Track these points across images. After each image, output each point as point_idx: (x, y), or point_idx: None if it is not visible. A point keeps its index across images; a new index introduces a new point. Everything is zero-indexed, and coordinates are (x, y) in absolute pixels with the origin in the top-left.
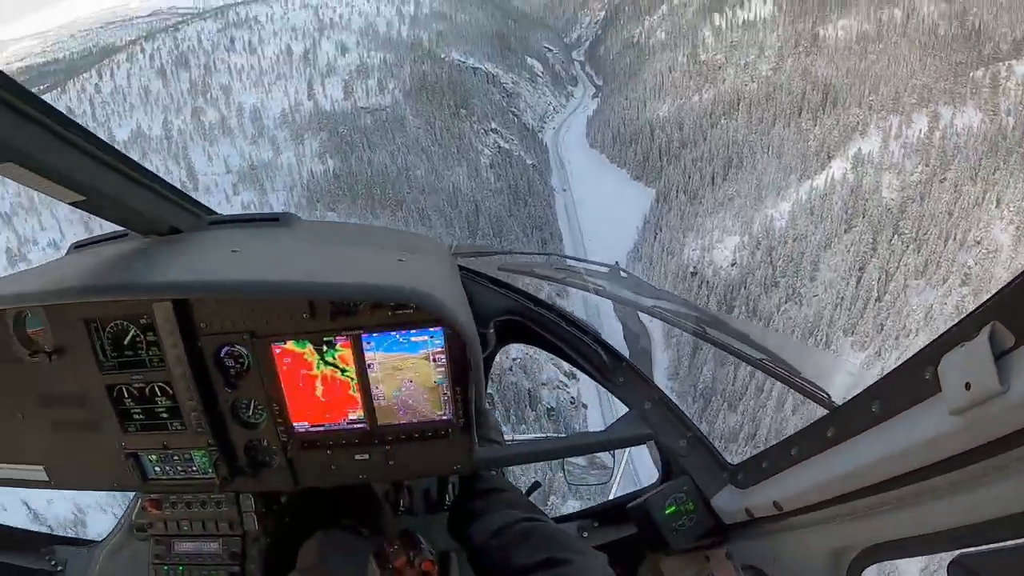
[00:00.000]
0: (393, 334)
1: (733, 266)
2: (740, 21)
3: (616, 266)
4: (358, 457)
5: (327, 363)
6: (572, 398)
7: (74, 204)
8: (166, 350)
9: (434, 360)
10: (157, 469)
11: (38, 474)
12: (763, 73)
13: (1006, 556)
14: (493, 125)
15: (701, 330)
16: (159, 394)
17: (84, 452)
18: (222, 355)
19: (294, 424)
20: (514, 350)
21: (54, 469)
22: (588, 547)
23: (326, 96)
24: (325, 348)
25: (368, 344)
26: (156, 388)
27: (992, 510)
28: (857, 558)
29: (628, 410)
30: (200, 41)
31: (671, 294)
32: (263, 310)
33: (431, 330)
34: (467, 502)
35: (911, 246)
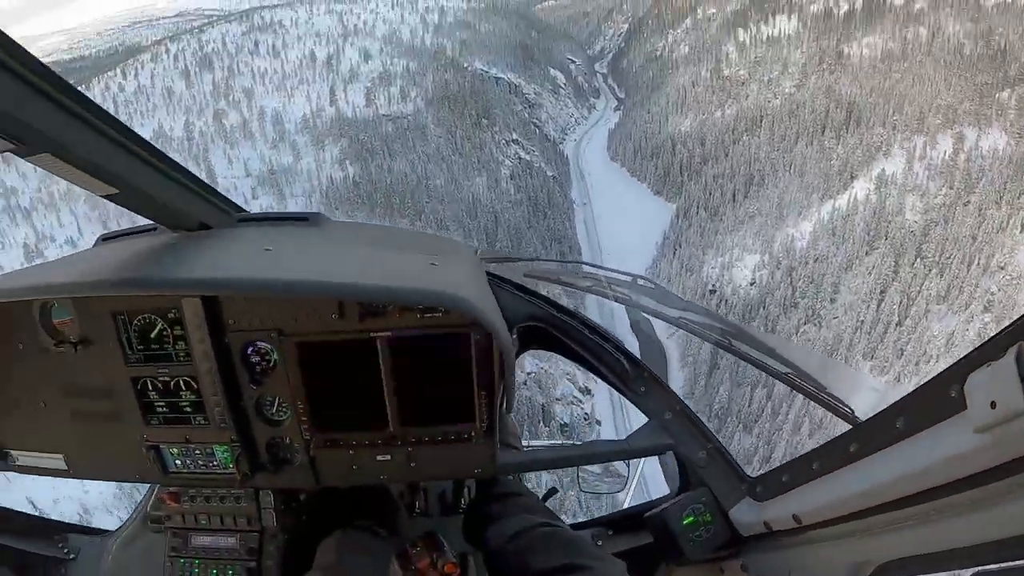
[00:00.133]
0: (421, 337)
1: (752, 285)
2: (764, 37)
3: (642, 276)
4: (380, 458)
5: (354, 363)
6: (586, 414)
7: (107, 197)
8: (193, 345)
9: (461, 366)
10: (178, 462)
11: (57, 463)
12: (786, 90)
13: None
14: (514, 136)
15: (726, 342)
16: (184, 388)
17: (105, 443)
18: (248, 352)
19: (318, 423)
20: (529, 364)
21: (74, 458)
22: (607, 554)
23: (348, 102)
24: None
25: (396, 346)
26: (181, 382)
27: (1013, 528)
28: (875, 573)
29: (648, 420)
30: (224, 43)
31: (697, 305)
32: (292, 309)
33: (459, 335)
34: (484, 505)
35: (933, 270)
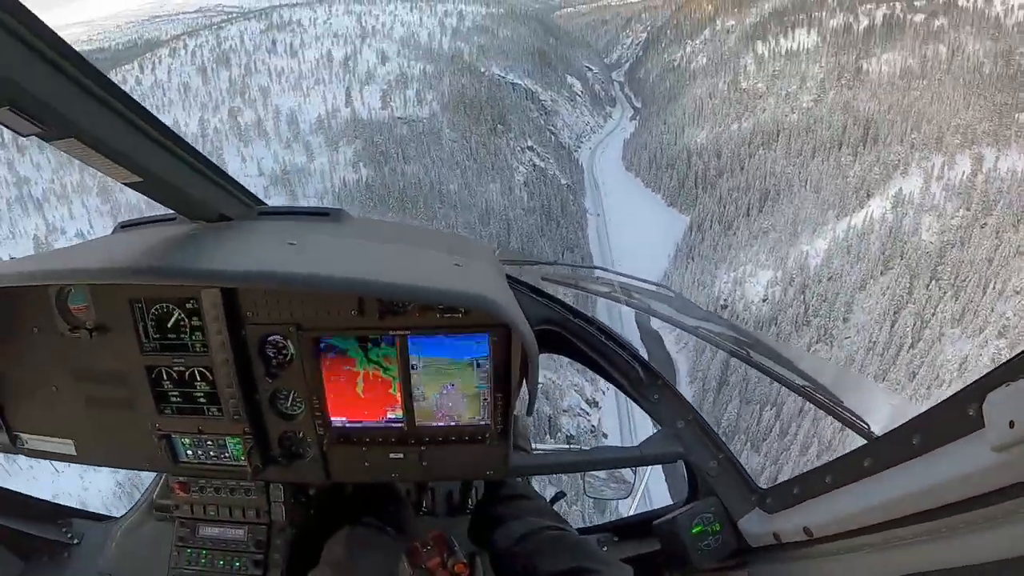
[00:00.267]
0: (440, 337)
1: (764, 302)
2: (783, 50)
3: (662, 284)
4: (392, 456)
5: (371, 361)
6: (592, 426)
7: (129, 184)
8: (210, 336)
9: (478, 366)
10: (189, 452)
11: (67, 448)
12: (804, 104)
13: None
14: (529, 143)
15: (744, 353)
16: (198, 379)
17: (116, 430)
18: (266, 345)
19: (332, 418)
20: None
21: (84, 444)
22: (615, 559)
23: (363, 104)
24: (370, 346)
25: (414, 345)
26: (196, 373)
27: None
28: None
29: (660, 428)
30: (242, 41)
31: (716, 316)
32: (311, 304)
33: (478, 335)
34: (491, 507)
35: (948, 293)
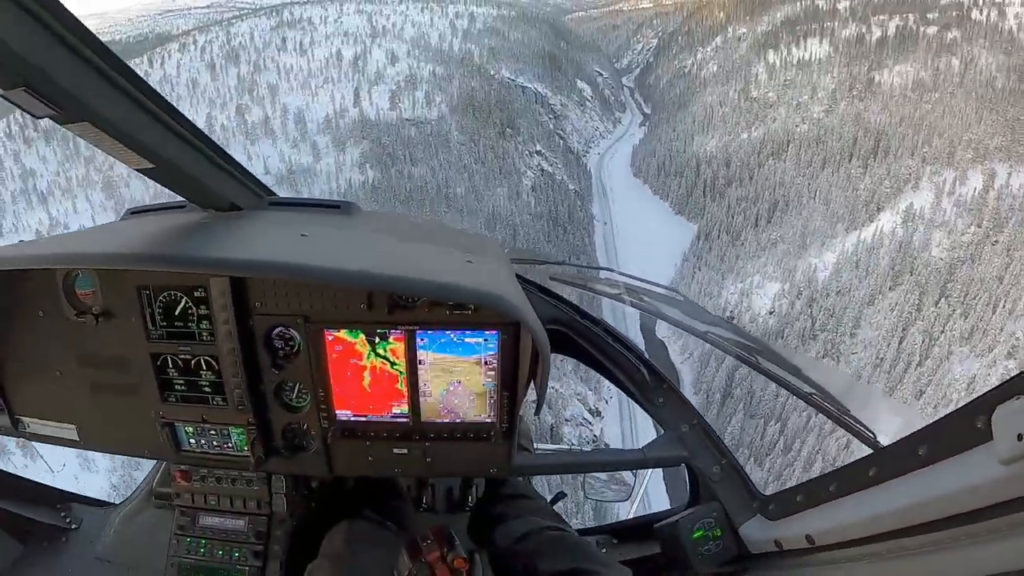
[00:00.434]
0: (448, 333)
1: (771, 314)
2: (795, 60)
3: (672, 288)
4: (396, 451)
5: (378, 355)
6: (595, 436)
7: (141, 171)
8: (217, 325)
9: (485, 364)
10: (192, 441)
11: (69, 432)
12: (815, 115)
13: None
14: (538, 147)
15: (753, 359)
16: (204, 368)
17: (119, 416)
18: (272, 336)
19: (337, 412)
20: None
21: (86, 429)
22: (613, 561)
23: (372, 104)
24: (378, 340)
25: (422, 341)
26: (202, 361)
27: None
28: None
29: (664, 431)
30: (252, 38)
31: (726, 321)
32: (320, 296)
33: (487, 333)
34: (492, 505)
35: (958, 310)
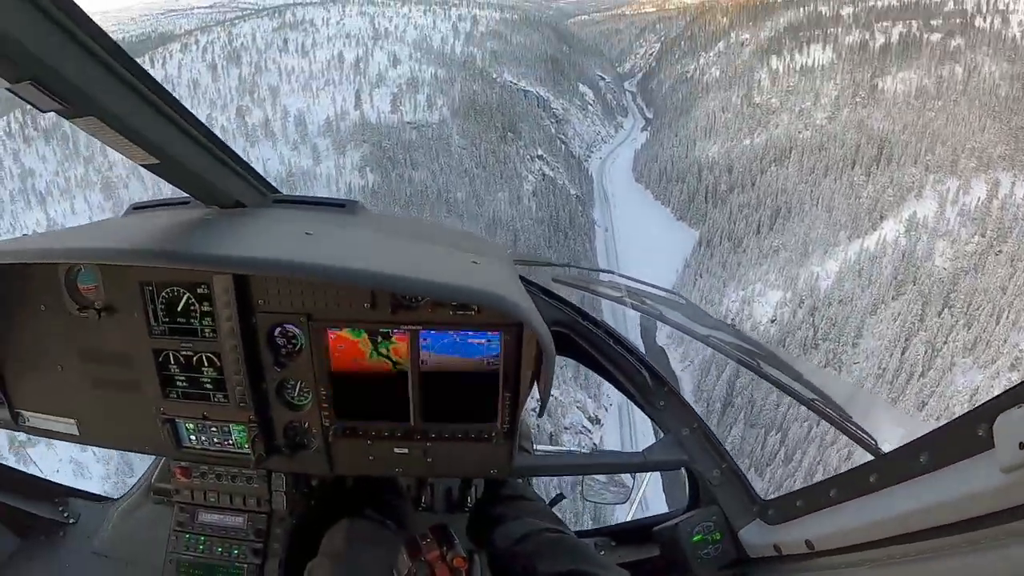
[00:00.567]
0: (451, 333)
1: (773, 323)
2: (798, 66)
3: (674, 291)
4: (397, 450)
5: (380, 354)
6: (594, 444)
7: (147, 166)
8: (220, 322)
9: (488, 365)
10: (192, 438)
11: (69, 427)
12: (818, 121)
13: None
14: (539, 152)
15: (755, 364)
16: (206, 364)
17: (120, 412)
18: (275, 334)
19: (338, 410)
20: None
21: (86, 424)
22: (612, 564)
23: (373, 107)
24: (380, 339)
25: (424, 341)
26: (204, 358)
27: None
28: None
29: (664, 435)
30: (254, 39)
31: (728, 325)
32: (323, 295)
33: (489, 334)
34: (491, 506)
35: (961, 321)
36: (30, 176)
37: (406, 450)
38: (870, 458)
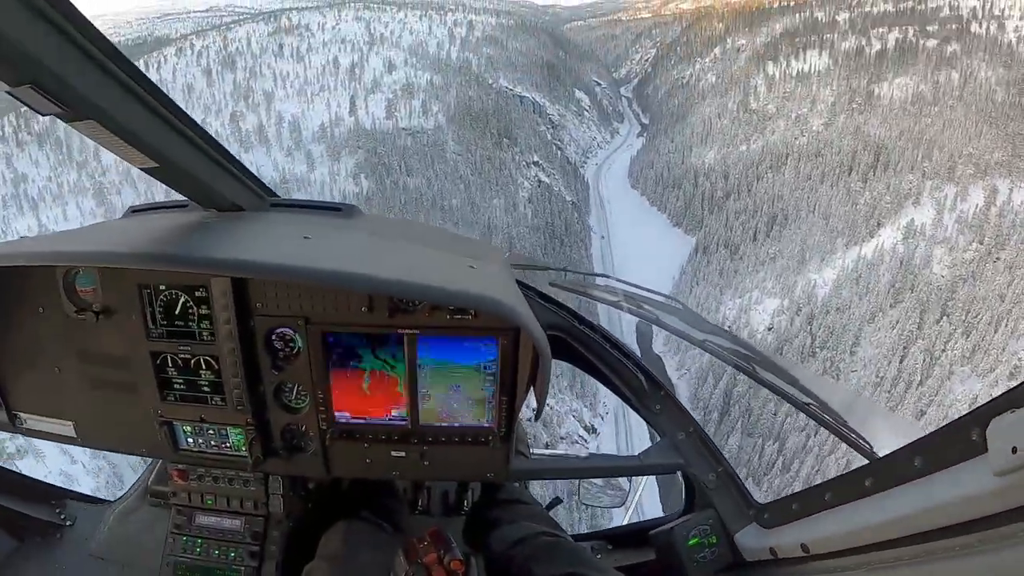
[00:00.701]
0: (448, 337)
1: (770, 331)
2: (794, 72)
3: (671, 296)
4: (394, 453)
5: (378, 358)
6: (590, 454)
7: (145, 169)
8: (218, 325)
9: (485, 369)
10: (190, 440)
11: (66, 429)
12: (814, 128)
13: None
14: (535, 158)
15: (751, 368)
16: (203, 367)
17: (117, 414)
18: (273, 337)
19: (336, 414)
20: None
21: (84, 427)
22: (609, 567)
23: (368, 113)
24: (378, 343)
25: (422, 345)
26: (202, 361)
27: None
28: None
29: (660, 438)
30: (249, 43)
31: (724, 330)
32: (321, 298)
33: (486, 338)
34: (487, 510)
35: (959, 329)
36: (23, 181)
37: (403, 453)
38: (865, 462)
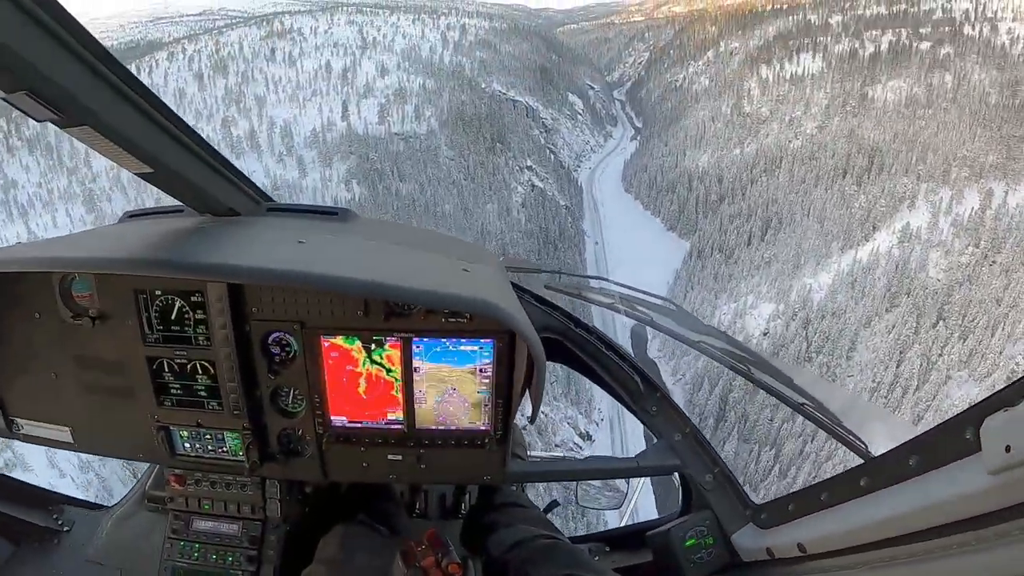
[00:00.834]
0: (443, 341)
1: (765, 335)
2: (788, 75)
3: (666, 298)
4: (391, 457)
5: (374, 362)
6: (587, 456)
7: (141, 175)
8: (214, 330)
9: (480, 372)
10: (187, 445)
11: (63, 435)
12: (808, 131)
13: None
14: (529, 162)
15: (746, 369)
16: (200, 372)
17: (114, 419)
18: (269, 341)
19: (332, 417)
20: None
21: (81, 432)
22: (607, 568)
23: (360, 118)
24: (374, 347)
25: (417, 348)
26: (198, 366)
27: (1020, 568)
28: None
29: (656, 440)
30: (241, 48)
31: (719, 331)
32: (316, 302)
33: (482, 341)
34: (484, 513)
35: (956, 333)
36: (12, 187)
37: (399, 457)
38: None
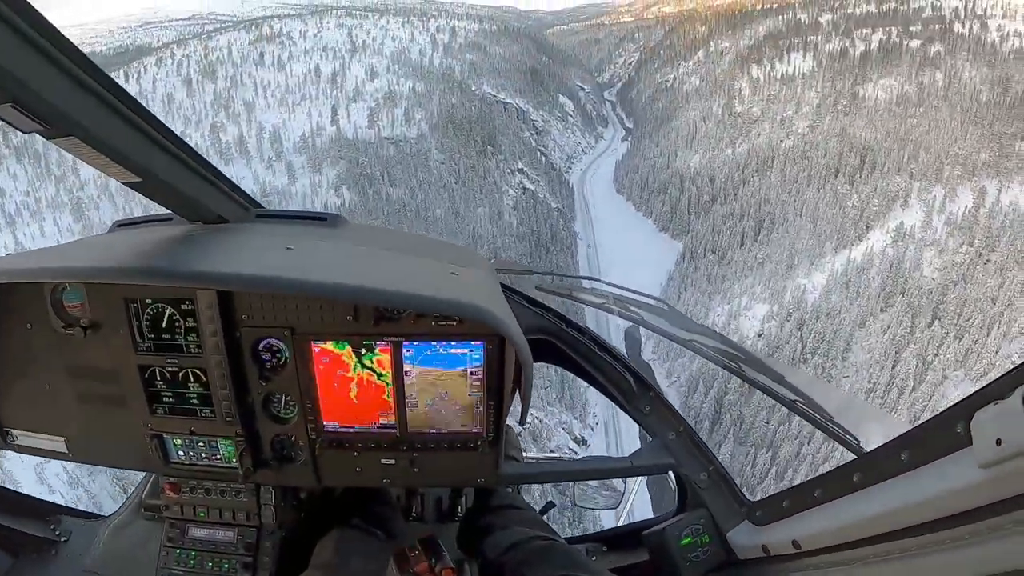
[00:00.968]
0: (433, 344)
1: (760, 337)
2: (779, 74)
3: (657, 298)
4: (384, 461)
5: (364, 366)
6: (581, 456)
7: (129, 184)
8: (205, 337)
9: (471, 375)
10: (181, 453)
11: (58, 445)
12: (799, 130)
13: None
14: (520, 165)
15: (737, 367)
16: (192, 380)
17: (108, 429)
18: (260, 348)
19: (324, 423)
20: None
21: (75, 442)
22: (604, 569)
23: (350, 122)
24: (364, 351)
25: (407, 352)
26: (190, 374)
27: (1013, 562)
28: None
29: (651, 439)
30: (230, 52)
31: (711, 330)
32: (306, 308)
33: (472, 344)
34: (480, 516)
35: (951, 332)
36: (0, 196)
37: (392, 461)
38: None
